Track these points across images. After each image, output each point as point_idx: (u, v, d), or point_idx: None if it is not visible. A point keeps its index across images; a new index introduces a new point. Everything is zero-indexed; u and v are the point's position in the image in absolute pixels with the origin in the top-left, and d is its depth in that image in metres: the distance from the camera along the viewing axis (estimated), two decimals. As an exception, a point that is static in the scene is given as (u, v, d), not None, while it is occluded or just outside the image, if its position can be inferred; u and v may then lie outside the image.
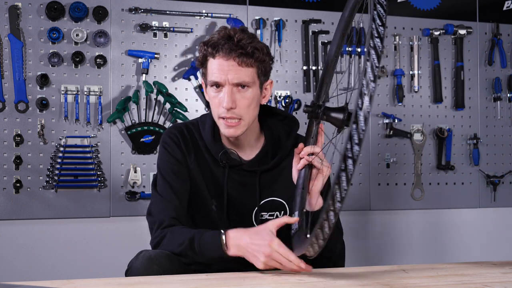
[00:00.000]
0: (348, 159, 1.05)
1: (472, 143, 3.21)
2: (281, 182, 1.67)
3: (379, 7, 1.14)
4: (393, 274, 1.36)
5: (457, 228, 3.23)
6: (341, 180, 1.05)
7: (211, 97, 1.58)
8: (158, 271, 1.40)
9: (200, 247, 1.46)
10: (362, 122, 1.05)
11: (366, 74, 1.07)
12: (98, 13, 2.69)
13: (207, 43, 1.56)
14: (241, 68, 1.53)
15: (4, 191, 2.58)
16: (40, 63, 2.64)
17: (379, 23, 1.12)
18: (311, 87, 2.98)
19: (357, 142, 1.05)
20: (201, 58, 1.58)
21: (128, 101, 2.70)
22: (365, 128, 1.05)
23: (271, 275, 1.36)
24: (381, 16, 1.13)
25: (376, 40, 1.10)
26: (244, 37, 1.54)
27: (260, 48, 1.56)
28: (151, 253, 1.45)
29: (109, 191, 2.70)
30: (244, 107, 1.56)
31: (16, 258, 2.61)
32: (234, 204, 1.65)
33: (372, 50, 1.08)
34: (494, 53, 3.26)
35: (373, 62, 1.08)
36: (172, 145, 1.66)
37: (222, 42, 1.53)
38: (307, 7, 3.01)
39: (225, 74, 1.53)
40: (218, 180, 1.65)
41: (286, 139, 1.70)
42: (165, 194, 1.62)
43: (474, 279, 1.30)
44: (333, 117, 1.35)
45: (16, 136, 2.59)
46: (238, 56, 1.51)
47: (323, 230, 1.11)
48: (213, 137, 1.65)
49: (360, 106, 1.05)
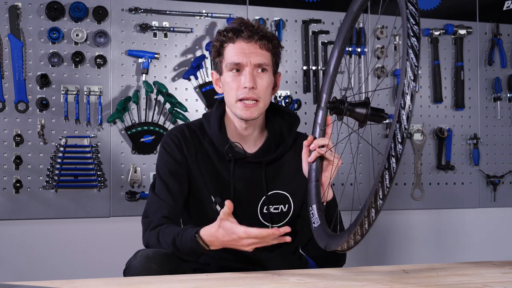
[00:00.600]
0: (391, 157, 1.07)
1: (472, 143, 3.21)
2: (284, 175, 1.70)
3: (410, 5, 1.14)
4: (393, 274, 1.36)
5: (457, 228, 3.23)
6: (384, 178, 1.07)
7: (228, 82, 1.61)
8: (156, 269, 1.40)
9: (183, 250, 1.48)
10: (405, 121, 1.07)
11: (406, 73, 1.08)
12: (98, 13, 2.69)
13: (226, 30, 1.61)
14: (262, 51, 1.59)
15: (4, 191, 2.58)
16: (40, 63, 2.64)
17: (413, 22, 1.12)
18: (311, 87, 2.98)
19: (400, 141, 1.07)
20: (218, 46, 1.62)
21: (128, 101, 2.70)
22: (407, 126, 1.07)
23: (271, 275, 1.36)
24: (413, 14, 1.13)
25: (412, 39, 1.11)
26: (260, 25, 1.63)
27: (276, 37, 1.65)
28: (148, 252, 1.46)
29: (109, 191, 2.70)
30: (263, 88, 1.61)
31: (16, 258, 2.61)
32: (240, 198, 1.66)
33: (410, 50, 1.10)
34: (494, 53, 3.26)
35: (412, 61, 1.09)
36: (171, 146, 1.67)
37: (242, 28, 1.59)
38: (307, 7, 3.01)
39: (246, 56, 1.58)
40: (223, 175, 1.66)
41: (287, 133, 1.73)
42: (160, 193, 1.64)
43: (474, 279, 1.30)
44: (357, 112, 1.35)
45: (16, 136, 2.59)
46: (260, 39, 1.59)
47: (362, 227, 1.13)
48: (220, 130, 1.67)
49: (403, 106, 1.07)
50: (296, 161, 1.70)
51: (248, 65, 1.58)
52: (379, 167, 1.09)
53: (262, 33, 1.59)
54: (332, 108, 1.41)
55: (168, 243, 1.49)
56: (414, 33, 1.11)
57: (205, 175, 1.66)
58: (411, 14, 1.13)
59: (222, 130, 1.68)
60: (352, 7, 1.49)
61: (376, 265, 1.48)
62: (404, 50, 1.10)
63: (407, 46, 1.10)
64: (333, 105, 1.41)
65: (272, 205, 1.68)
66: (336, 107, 1.40)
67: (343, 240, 1.23)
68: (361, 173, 3.03)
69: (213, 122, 1.68)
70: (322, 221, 1.44)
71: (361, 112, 1.34)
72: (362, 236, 1.14)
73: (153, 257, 1.43)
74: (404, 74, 1.08)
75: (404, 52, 1.11)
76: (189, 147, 1.67)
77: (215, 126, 1.67)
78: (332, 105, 1.41)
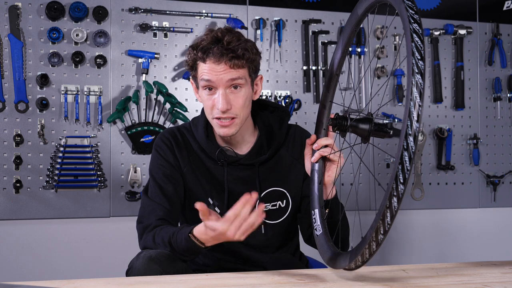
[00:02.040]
0: (393, 197, 1.07)
1: (472, 143, 3.21)
2: (279, 172, 1.69)
3: (410, 10, 1.15)
4: (393, 274, 1.36)
5: (457, 228, 3.23)
6: (393, 205, 1.07)
7: (204, 99, 1.59)
8: (158, 270, 1.40)
9: (179, 250, 1.46)
10: (407, 162, 1.08)
11: (414, 54, 1.10)
12: (98, 13, 2.69)
13: (196, 48, 1.56)
14: (233, 70, 1.53)
15: (4, 191, 2.58)
16: (40, 63, 2.64)
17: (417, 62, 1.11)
18: (311, 87, 2.98)
19: (402, 182, 1.07)
20: (191, 62, 1.58)
21: (128, 101, 2.70)
22: (410, 168, 1.08)
23: (271, 275, 1.36)
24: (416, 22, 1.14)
25: (415, 39, 1.11)
26: (232, 39, 1.54)
27: (249, 48, 1.56)
28: (151, 253, 1.45)
29: (109, 191, 2.70)
30: (239, 106, 1.57)
31: (16, 258, 2.61)
32: (236, 198, 1.65)
33: (414, 112, 1.10)
34: (494, 53, 3.26)
35: (417, 103, 1.09)
36: (164, 149, 1.67)
37: (211, 46, 1.53)
38: (307, 7, 3.01)
39: (217, 77, 1.53)
40: (217, 178, 1.66)
41: (279, 129, 1.71)
42: (155, 197, 1.62)
43: (474, 279, 1.30)
44: (360, 128, 1.33)
45: (16, 136, 2.59)
46: (230, 60, 1.52)
47: (368, 251, 1.13)
48: (207, 137, 1.66)
49: (405, 147, 1.08)
50: (289, 155, 1.70)
51: (220, 85, 1.54)
52: (381, 204, 1.09)
53: (233, 53, 1.51)
54: (335, 125, 1.38)
55: (165, 243, 1.49)
56: (420, 70, 1.10)
57: (199, 177, 1.66)
58: (414, 32, 1.13)
59: (210, 137, 1.67)
60: (356, 10, 1.47)
61: (376, 265, 1.47)
62: (408, 90, 1.10)
63: (410, 86, 1.09)
64: (336, 121, 1.38)
65: (269, 203, 1.68)
66: (339, 124, 1.37)
67: (345, 262, 1.23)
68: (361, 173, 3.03)
69: (200, 129, 1.67)
70: (325, 231, 1.43)
71: (365, 128, 1.32)
72: (385, 234, 1.12)
73: (156, 258, 1.43)
74: (411, 55, 1.09)
75: (407, 99, 1.09)
76: (181, 150, 1.67)
77: (202, 133, 1.66)
78: (335, 122, 1.38)
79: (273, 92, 2.93)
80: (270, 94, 2.93)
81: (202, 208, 1.31)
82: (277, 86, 2.95)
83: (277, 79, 2.94)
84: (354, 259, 1.19)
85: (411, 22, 1.13)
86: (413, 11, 1.15)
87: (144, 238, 1.56)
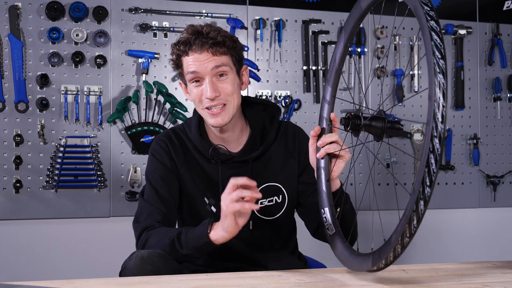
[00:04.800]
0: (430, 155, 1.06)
1: (472, 143, 3.21)
2: (272, 167, 1.70)
3: (430, 20, 1.12)
4: (393, 274, 1.36)
5: (457, 228, 3.23)
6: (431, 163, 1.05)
7: (193, 93, 1.61)
8: (151, 271, 1.40)
9: (187, 236, 1.47)
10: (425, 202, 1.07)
11: (434, 53, 1.08)
12: (98, 13, 2.69)
13: (178, 43, 1.60)
14: (216, 57, 1.57)
15: (4, 191, 2.58)
16: (40, 63, 2.64)
17: (439, 56, 1.09)
18: (311, 87, 2.98)
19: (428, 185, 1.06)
20: (176, 59, 1.62)
21: (128, 101, 2.70)
22: (430, 195, 1.06)
23: (271, 275, 1.36)
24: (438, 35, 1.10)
25: (435, 38, 1.09)
26: (211, 29, 1.59)
27: (229, 36, 1.61)
28: (143, 253, 1.45)
29: (109, 191, 2.70)
30: (227, 92, 1.59)
31: (16, 258, 2.61)
32: None
33: (435, 138, 1.07)
34: (494, 53, 3.26)
35: (436, 41, 1.07)
36: (161, 152, 1.67)
37: (192, 38, 1.57)
38: (307, 7, 3.01)
39: (202, 66, 1.56)
40: (212, 177, 1.66)
41: (270, 125, 1.72)
42: (151, 201, 1.62)
43: (474, 279, 1.30)
44: (374, 127, 1.31)
45: (16, 136, 2.59)
46: (211, 47, 1.56)
47: (411, 224, 1.10)
48: (200, 135, 1.67)
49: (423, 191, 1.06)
50: (282, 150, 1.71)
51: (206, 74, 1.57)
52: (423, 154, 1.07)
53: (213, 40, 1.55)
54: (348, 125, 1.37)
55: (166, 239, 1.49)
56: (441, 69, 1.09)
57: (195, 177, 1.67)
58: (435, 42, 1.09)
59: (203, 136, 1.68)
60: (360, 3, 1.43)
61: (376, 265, 1.47)
62: (431, 91, 1.08)
63: (433, 87, 1.08)
64: (349, 121, 1.36)
65: (265, 198, 1.68)
66: (352, 123, 1.35)
67: (367, 265, 1.22)
68: (361, 173, 3.03)
69: (193, 128, 1.69)
70: (338, 230, 1.42)
71: (378, 126, 1.30)
72: (412, 236, 1.12)
73: (148, 258, 1.42)
74: (432, 117, 1.06)
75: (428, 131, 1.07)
76: (177, 151, 1.68)
77: (195, 132, 1.67)
78: (347, 121, 1.37)
79: (273, 92, 2.93)
80: (270, 94, 2.93)
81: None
82: (277, 86, 2.95)
83: (277, 79, 2.94)
84: (378, 262, 1.17)
85: (428, 19, 1.10)
86: (428, 8, 1.11)
87: (144, 236, 1.56)
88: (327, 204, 1.49)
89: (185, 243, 1.47)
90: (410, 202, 1.08)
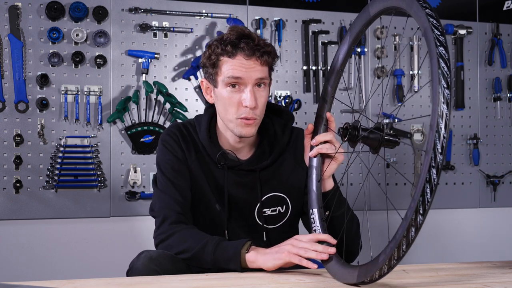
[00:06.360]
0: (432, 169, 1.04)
1: (472, 143, 3.21)
2: (281, 177, 1.67)
3: (436, 31, 1.08)
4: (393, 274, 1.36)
5: (457, 228, 3.23)
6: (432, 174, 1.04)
7: (226, 97, 1.53)
8: (159, 271, 1.39)
9: (216, 256, 1.44)
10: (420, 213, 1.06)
11: (440, 82, 1.07)
12: (98, 13, 2.69)
13: (224, 42, 1.51)
14: (263, 67, 1.51)
15: (4, 191, 2.58)
16: (40, 63, 2.64)
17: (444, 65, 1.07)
18: (311, 87, 2.98)
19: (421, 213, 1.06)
20: (214, 58, 1.53)
21: (128, 101, 2.70)
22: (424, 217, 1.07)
23: (271, 275, 1.36)
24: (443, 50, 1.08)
25: (440, 49, 1.07)
26: (259, 37, 1.54)
27: (273, 48, 1.56)
28: (152, 253, 1.44)
29: (109, 191, 2.70)
30: (262, 106, 1.55)
31: (16, 258, 2.61)
32: (236, 203, 1.64)
33: (437, 141, 1.05)
34: (494, 53, 3.26)
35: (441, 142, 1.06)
36: (172, 143, 1.64)
37: (241, 41, 1.50)
38: (307, 7, 3.01)
39: (248, 73, 1.50)
40: (218, 180, 1.64)
41: (282, 134, 1.67)
42: (167, 190, 1.60)
43: (474, 279, 1.30)
44: (371, 139, 1.30)
45: (16, 136, 2.59)
46: (261, 56, 1.50)
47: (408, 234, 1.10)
48: (209, 138, 1.64)
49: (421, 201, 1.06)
50: (292, 160, 1.68)
51: (250, 83, 1.50)
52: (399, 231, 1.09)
53: (263, 49, 1.50)
54: (346, 135, 1.35)
55: (196, 245, 1.46)
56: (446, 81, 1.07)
57: (203, 174, 1.65)
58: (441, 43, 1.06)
59: (213, 139, 1.64)
60: (368, 9, 1.40)
61: (376, 265, 1.47)
62: (434, 121, 1.05)
63: (436, 117, 1.05)
64: (347, 131, 1.35)
65: (269, 208, 1.66)
66: (350, 134, 1.34)
67: (351, 279, 1.21)
68: (361, 173, 3.03)
69: (203, 130, 1.64)
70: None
71: (375, 139, 1.29)
72: (403, 254, 1.11)
73: (157, 259, 1.42)
74: (432, 147, 1.03)
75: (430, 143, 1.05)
76: (188, 145, 1.64)
77: (204, 134, 1.63)
78: (345, 132, 1.35)
79: (273, 92, 2.93)
80: (270, 94, 2.93)
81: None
82: (277, 86, 2.95)
83: (277, 79, 2.94)
84: (363, 278, 1.17)
85: (437, 45, 1.06)
86: (439, 32, 1.07)
87: (167, 228, 1.53)
88: (316, 205, 1.47)
89: (215, 250, 1.45)
90: (402, 227, 1.08)
